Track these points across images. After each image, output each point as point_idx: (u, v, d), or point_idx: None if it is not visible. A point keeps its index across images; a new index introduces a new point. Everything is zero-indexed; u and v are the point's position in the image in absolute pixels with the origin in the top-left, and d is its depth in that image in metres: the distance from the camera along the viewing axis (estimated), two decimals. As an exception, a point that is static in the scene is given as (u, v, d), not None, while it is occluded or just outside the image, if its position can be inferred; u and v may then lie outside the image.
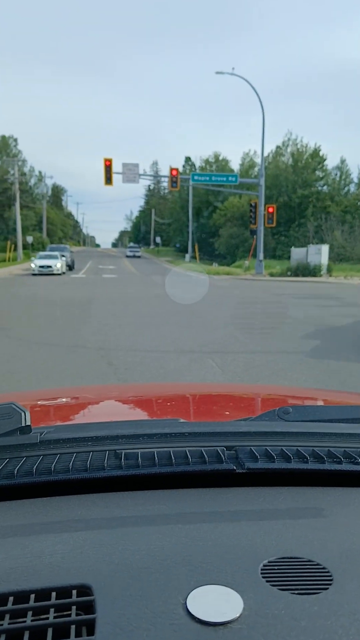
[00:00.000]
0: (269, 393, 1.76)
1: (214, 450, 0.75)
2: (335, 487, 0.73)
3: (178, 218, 61.40)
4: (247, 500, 0.68)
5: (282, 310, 11.38)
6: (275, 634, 0.43)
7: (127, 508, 0.65)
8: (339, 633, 0.44)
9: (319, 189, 44.47)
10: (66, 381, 5.07)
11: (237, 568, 0.52)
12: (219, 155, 55.89)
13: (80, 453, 0.75)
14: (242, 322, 9.26)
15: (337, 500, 0.69)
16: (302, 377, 5.28)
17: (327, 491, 0.72)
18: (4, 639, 0.44)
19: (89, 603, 0.47)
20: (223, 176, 31.59)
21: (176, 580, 0.50)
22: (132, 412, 1.43)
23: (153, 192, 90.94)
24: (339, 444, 0.80)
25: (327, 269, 26.39)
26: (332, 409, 0.94)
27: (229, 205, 46.44)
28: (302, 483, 0.74)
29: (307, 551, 0.55)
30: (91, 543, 0.56)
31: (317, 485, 0.73)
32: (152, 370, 5.54)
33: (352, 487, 0.73)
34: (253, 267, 28.76)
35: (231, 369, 5.64)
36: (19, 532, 0.59)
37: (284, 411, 0.89)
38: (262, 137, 28.22)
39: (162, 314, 10.33)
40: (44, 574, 0.51)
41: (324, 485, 0.73)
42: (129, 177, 28.44)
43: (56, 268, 26.56)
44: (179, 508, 0.65)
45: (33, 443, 0.75)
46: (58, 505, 0.66)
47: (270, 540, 0.57)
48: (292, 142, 46.46)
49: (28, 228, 51.02)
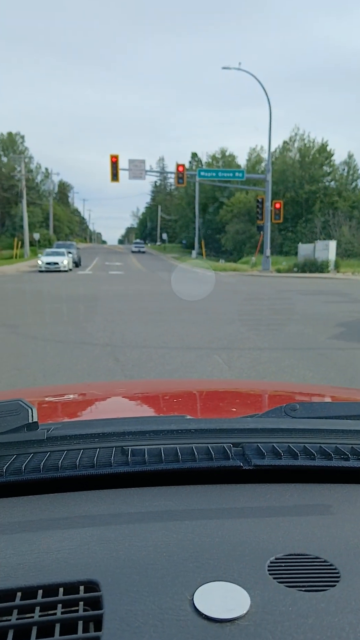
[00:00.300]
0: (276, 390, 1.76)
1: (221, 447, 0.75)
2: (343, 484, 0.73)
3: (184, 214, 61.29)
4: (254, 497, 0.68)
5: (289, 306, 11.34)
6: (282, 631, 0.43)
7: (133, 504, 0.65)
8: (347, 630, 0.43)
9: (327, 185, 44.16)
10: (73, 378, 5.09)
11: (244, 565, 0.52)
12: (226, 151, 55.63)
13: (87, 449, 0.75)
14: (249, 318, 9.25)
15: (345, 497, 0.69)
16: (309, 374, 5.26)
17: (334, 488, 0.71)
18: (12, 634, 0.44)
19: (96, 599, 0.47)
20: (230, 172, 31.51)
21: (183, 577, 0.50)
22: (138, 408, 1.43)
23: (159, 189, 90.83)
24: (346, 441, 0.80)
25: (334, 265, 26.25)
26: (339, 405, 0.94)
27: (235, 201, 46.27)
28: (309, 480, 0.73)
29: (314, 548, 0.55)
30: (98, 539, 0.57)
31: (324, 482, 0.73)
32: (159, 366, 5.55)
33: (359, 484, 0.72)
34: (260, 264, 28.67)
35: (238, 365, 5.63)
36: (27, 528, 0.60)
37: (291, 408, 0.88)
38: (269, 132, 28.11)
39: (169, 310, 10.33)
40: (51, 569, 0.51)
41: (331, 482, 0.73)
42: (135, 174, 28.43)
43: (63, 265, 26.62)
44: (185, 504, 0.65)
45: (40, 439, 0.75)
46: (65, 502, 0.67)
47: (277, 537, 0.57)
48: (300, 137, 46.18)
49: (35, 225, 51.14)
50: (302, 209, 41.98)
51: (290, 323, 8.65)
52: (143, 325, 8.44)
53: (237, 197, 46.08)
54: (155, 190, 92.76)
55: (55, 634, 0.44)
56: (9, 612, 0.46)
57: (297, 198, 42.36)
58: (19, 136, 57.77)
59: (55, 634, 0.44)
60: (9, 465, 0.71)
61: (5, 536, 0.58)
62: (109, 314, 9.72)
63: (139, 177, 28.64)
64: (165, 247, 65.36)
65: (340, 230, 34.75)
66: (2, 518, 0.63)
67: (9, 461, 0.72)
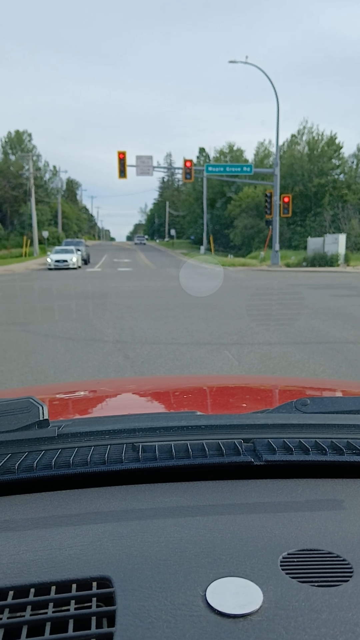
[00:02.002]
0: (286, 385, 1.75)
1: (232, 443, 0.75)
2: (355, 479, 0.72)
3: (192, 210, 61.14)
4: (266, 493, 0.68)
5: (299, 301, 11.28)
6: (296, 626, 0.43)
7: (145, 500, 0.65)
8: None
9: (336, 178, 43.78)
10: (83, 374, 5.11)
11: (257, 560, 0.52)
12: (233, 146, 55.37)
13: (98, 446, 0.75)
14: (259, 313, 9.22)
15: (357, 492, 0.68)
16: (320, 368, 5.24)
17: (346, 483, 0.71)
18: (26, 630, 0.44)
19: (109, 595, 0.47)
20: (237, 166, 31.29)
21: (195, 573, 0.50)
22: (148, 405, 1.43)
23: (167, 185, 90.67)
24: (358, 436, 0.79)
25: (344, 259, 26.05)
26: (350, 400, 0.93)
27: (243, 195, 46.06)
28: (321, 475, 0.73)
29: (326, 543, 0.55)
30: (110, 535, 0.57)
31: (336, 477, 0.72)
32: (169, 362, 5.55)
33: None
34: (269, 258, 28.55)
35: (247, 360, 5.62)
36: (39, 525, 0.60)
37: (302, 403, 0.88)
38: (277, 125, 27.91)
39: (178, 306, 10.33)
40: (64, 566, 0.51)
41: (343, 477, 0.73)
42: (142, 170, 28.38)
43: (72, 262, 26.72)
44: (197, 500, 0.65)
45: (51, 437, 0.75)
46: (77, 498, 0.67)
47: (290, 532, 0.57)
48: (308, 130, 45.80)
49: (43, 223, 51.33)
50: (311, 203, 41.67)
51: (300, 317, 8.61)
52: (152, 321, 8.45)
53: (245, 192, 45.86)
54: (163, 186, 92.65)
55: (69, 629, 0.44)
56: (23, 609, 0.46)
57: (305, 192, 42.05)
58: (26, 134, 57.91)
59: (69, 629, 0.44)
60: (21, 463, 0.71)
61: (18, 533, 0.58)
62: (119, 310, 9.74)
63: (146, 173, 28.58)
64: (173, 243, 65.29)
65: (350, 224, 34.45)
66: (15, 515, 0.63)
67: (20, 458, 0.72)
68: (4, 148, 55.69)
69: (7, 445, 0.74)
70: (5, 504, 0.66)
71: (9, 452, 0.74)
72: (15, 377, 5.02)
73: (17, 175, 49.07)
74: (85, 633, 0.43)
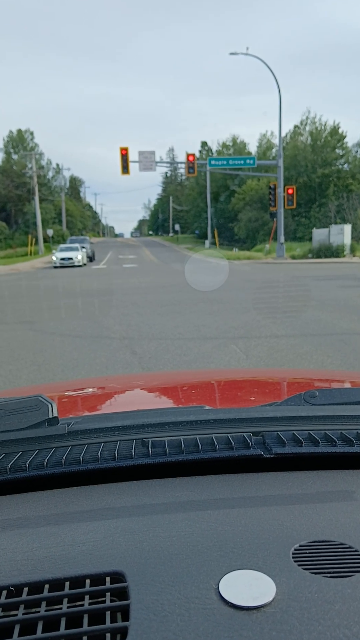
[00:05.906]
0: (294, 377, 1.75)
1: (241, 436, 0.75)
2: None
3: (196, 204, 60.97)
4: (276, 485, 0.68)
5: (305, 292, 11.24)
6: (309, 618, 0.43)
7: (156, 495, 0.66)
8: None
9: (340, 168, 43.45)
10: (91, 371, 5.13)
11: (269, 552, 0.52)
12: (236, 139, 55.07)
13: (107, 443, 0.76)
14: (265, 306, 9.20)
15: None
16: (328, 360, 5.22)
17: (357, 474, 0.71)
18: (41, 625, 0.45)
19: (123, 589, 0.47)
20: (241, 159, 31.16)
21: (208, 566, 0.50)
22: (157, 400, 1.43)
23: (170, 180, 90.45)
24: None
25: (350, 249, 25.91)
26: (359, 391, 0.93)
27: (247, 188, 45.85)
28: (331, 467, 0.73)
29: (338, 534, 0.55)
30: (122, 531, 0.57)
31: (346, 469, 0.72)
32: (176, 357, 5.56)
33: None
34: (274, 251, 28.45)
35: (255, 353, 5.61)
36: (52, 522, 0.60)
37: (310, 395, 0.88)
38: (279, 117, 27.74)
39: (184, 301, 10.32)
40: (77, 562, 0.52)
41: (353, 468, 0.73)
42: (145, 165, 28.33)
43: (77, 260, 26.78)
44: (207, 494, 0.65)
45: (61, 434, 0.76)
46: (88, 494, 0.67)
47: (301, 524, 0.57)
48: (311, 121, 45.43)
49: (48, 221, 51.40)
50: (316, 194, 41.41)
51: (307, 309, 8.58)
52: (159, 317, 8.45)
53: (249, 185, 45.65)
54: (166, 181, 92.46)
55: (83, 624, 0.44)
56: (38, 604, 0.47)
57: (310, 183, 41.78)
58: (29, 133, 57.88)
59: (84, 624, 0.44)
60: (32, 460, 0.72)
61: (31, 529, 0.59)
62: (125, 307, 9.76)
63: (149, 168, 28.53)
64: (178, 238, 65.18)
65: (355, 214, 34.21)
66: (27, 512, 0.64)
67: (31, 456, 0.73)
68: (6, 147, 55.77)
69: (17, 444, 0.75)
70: (17, 502, 0.67)
71: (19, 450, 0.74)
72: (23, 375, 5.05)
73: (21, 174, 49.17)
74: (100, 627, 0.44)
